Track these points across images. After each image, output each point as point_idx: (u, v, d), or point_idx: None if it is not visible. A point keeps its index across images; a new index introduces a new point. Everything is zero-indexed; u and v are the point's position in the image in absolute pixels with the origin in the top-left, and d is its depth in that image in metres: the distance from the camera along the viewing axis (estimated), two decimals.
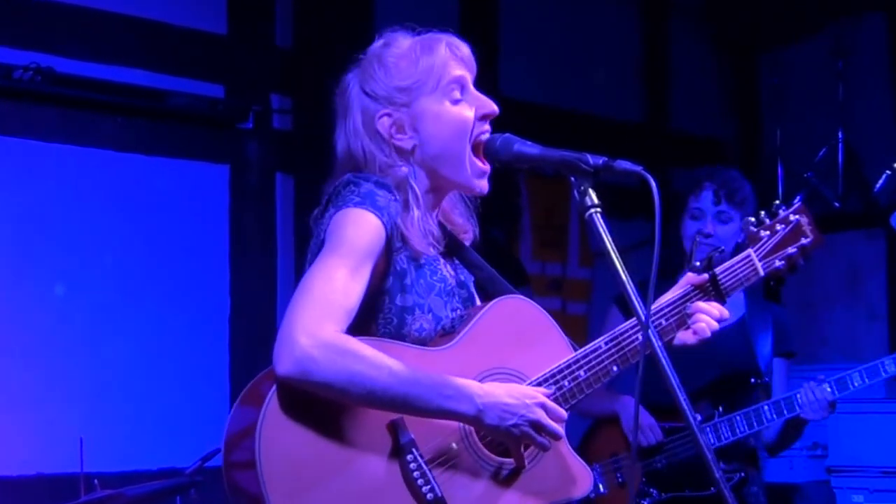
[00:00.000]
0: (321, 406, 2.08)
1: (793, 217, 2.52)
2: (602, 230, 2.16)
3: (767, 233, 2.51)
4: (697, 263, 2.45)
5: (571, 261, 6.57)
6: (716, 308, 2.42)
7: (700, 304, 2.42)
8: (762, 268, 2.49)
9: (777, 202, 2.55)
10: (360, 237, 2.17)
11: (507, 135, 2.33)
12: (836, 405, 3.68)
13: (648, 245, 2.20)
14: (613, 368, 2.34)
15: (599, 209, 2.17)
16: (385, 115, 2.33)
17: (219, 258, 5.08)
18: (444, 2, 5.92)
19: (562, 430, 2.26)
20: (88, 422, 4.39)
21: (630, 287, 2.12)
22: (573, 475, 2.35)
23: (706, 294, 2.45)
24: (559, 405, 2.26)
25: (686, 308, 2.42)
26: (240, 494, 2.10)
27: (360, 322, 2.17)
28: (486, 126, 2.36)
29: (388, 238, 2.21)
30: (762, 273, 2.48)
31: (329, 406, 2.09)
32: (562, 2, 6.56)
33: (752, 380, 3.76)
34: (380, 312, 2.24)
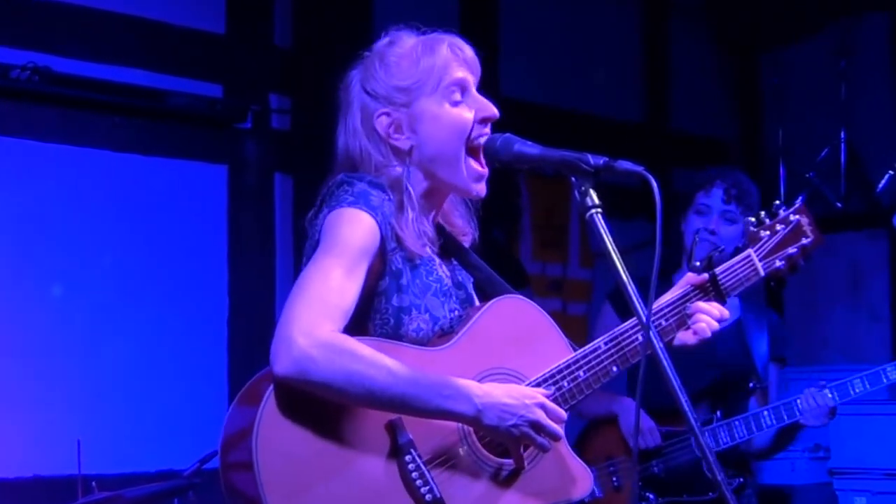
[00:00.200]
0: (319, 406, 2.07)
1: (793, 217, 2.52)
2: (603, 230, 2.15)
3: (767, 233, 2.51)
4: (697, 263, 2.45)
5: (572, 261, 6.56)
6: (716, 308, 2.41)
7: (700, 304, 2.41)
8: (762, 268, 2.48)
9: (777, 202, 2.55)
10: (355, 236, 2.16)
11: (508, 135, 2.32)
12: (837, 411, 3.66)
13: (649, 245, 2.18)
14: (613, 369, 2.34)
15: (600, 209, 2.16)
16: (384, 115, 2.32)
17: (217, 258, 5.07)
18: (445, 2, 5.91)
19: (561, 431, 2.25)
20: (86, 423, 4.38)
21: (631, 288, 2.11)
22: (573, 476, 2.34)
23: (706, 294, 2.44)
24: (559, 406, 2.25)
25: (686, 308, 2.41)
26: (237, 495, 2.09)
27: (357, 322, 2.17)
28: (486, 129, 2.34)
29: (383, 238, 2.21)
30: (762, 273, 2.48)
31: (327, 406, 2.08)
32: (562, 2, 6.56)
33: (751, 384, 3.74)
34: (376, 313, 2.23)
